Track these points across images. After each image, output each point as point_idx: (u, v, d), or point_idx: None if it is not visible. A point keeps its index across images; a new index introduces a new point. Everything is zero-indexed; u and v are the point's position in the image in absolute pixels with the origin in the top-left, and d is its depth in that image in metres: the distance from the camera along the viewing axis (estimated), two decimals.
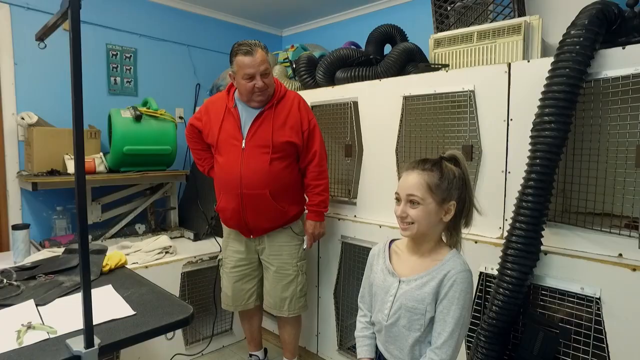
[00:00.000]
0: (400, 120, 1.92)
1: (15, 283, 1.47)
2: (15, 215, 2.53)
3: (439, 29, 2.27)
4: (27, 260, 1.91)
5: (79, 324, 0.98)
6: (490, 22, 2.07)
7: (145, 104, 2.72)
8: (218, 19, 3.43)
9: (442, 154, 1.12)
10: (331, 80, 2.33)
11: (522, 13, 2.10)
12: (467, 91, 1.69)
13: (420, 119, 1.86)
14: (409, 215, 1.07)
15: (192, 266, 2.46)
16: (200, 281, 2.53)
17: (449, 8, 2.24)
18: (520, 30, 1.83)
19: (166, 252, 2.44)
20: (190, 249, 2.57)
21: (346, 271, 2.25)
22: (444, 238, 1.15)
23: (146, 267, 2.24)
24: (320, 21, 3.55)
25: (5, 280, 1.49)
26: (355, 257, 2.18)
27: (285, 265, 2.03)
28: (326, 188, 2.02)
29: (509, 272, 1.47)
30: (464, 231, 1.17)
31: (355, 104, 2.14)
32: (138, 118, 2.50)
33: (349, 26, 3.34)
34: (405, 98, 1.90)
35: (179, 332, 2.41)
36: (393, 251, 1.21)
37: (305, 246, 2.06)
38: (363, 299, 1.26)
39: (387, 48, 2.36)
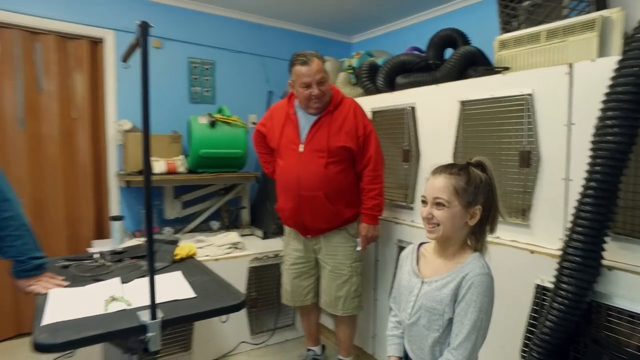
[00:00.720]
0: (458, 125, 1.90)
1: (107, 263, 1.75)
2: (115, 208, 2.95)
3: (505, 29, 2.19)
4: (120, 246, 2.22)
5: (149, 300, 1.16)
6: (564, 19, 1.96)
7: (219, 111, 2.99)
8: (290, 29, 3.64)
9: (469, 160, 1.13)
10: (391, 86, 2.36)
11: (602, 6, 1.93)
12: (524, 95, 1.63)
13: (477, 124, 1.83)
14: (434, 217, 1.10)
15: (258, 262, 2.65)
16: (266, 276, 2.70)
17: (516, 7, 2.16)
18: (595, 26, 1.71)
19: (235, 248, 2.65)
20: (258, 246, 2.77)
21: None
22: (469, 242, 1.16)
23: (216, 260, 2.47)
24: (389, 26, 3.58)
25: (100, 260, 1.78)
26: None
27: (340, 266, 2.10)
28: (380, 192, 2.06)
29: (564, 286, 1.39)
30: (490, 236, 1.17)
31: (414, 109, 2.15)
32: (212, 124, 2.77)
33: (418, 30, 3.33)
34: (462, 103, 1.87)
35: (245, 321, 2.60)
36: (421, 253, 1.24)
37: (359, 248, 2.11)
38: (394, 299, 1.29)
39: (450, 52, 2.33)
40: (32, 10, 2.60)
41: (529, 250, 1.60)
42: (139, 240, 2.42)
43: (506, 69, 1.87)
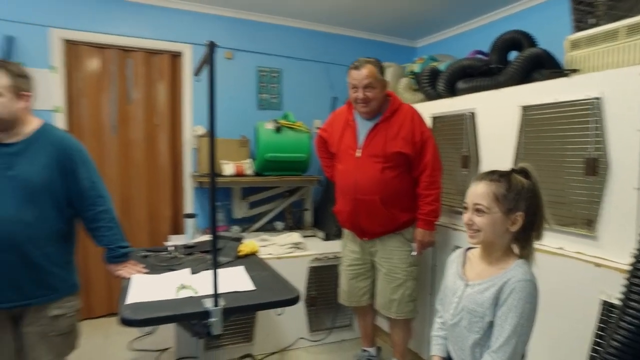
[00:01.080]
0: (519, 131, 1.84)
1: (180, 256, 1.96)
2: (189, 207, 3.23)
3: (578, 27, 2.06)
4: (192, 241, 2.45)
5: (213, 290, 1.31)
6: None
7: (285, 117, 3.15)
8: (354, 36, 3.71)
9: (513, 167, 1.13)
10: (452, 91, 2.34)
11: None
12: (591, 99, 1.54)
13: (540, 130, 1.76)
14: (475, 223, 1.12)
15: (318, 262, 2.74)
16: (325, 276, 2.78)
17: (593, 2, 2.02)
18: None
19: (297, 248, 2.77)
20: (319, 247, 2.87)
21: None
22: (515, 250, 1.15)
23: (279, 258, 2.60)
24: (455, 29, 3.51)
25: (174, 253, 1.99)
26: None
27: (395, 269, 2.13)
28: (437, 198, 2.05)
29: (634, 304, 1.29)
30: (536, 244, 1.15)
31: (473, 114, 2.11)
32: (278, 129, 2.93)
33: (485, 32, 3.22)
34: (524, 108, 1.81)
35: (304, 319, 2.71)
36: (467, 258, 1.27)
37: (414, 252, 2.12)
38: (441, 301, 1.32)
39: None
40: (126, 31, 2.96)
41: (594, 263, 1.51)
42: (208, 237, 2.63)
43: (574, 71, 1.77)
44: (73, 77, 2.90)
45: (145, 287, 1.52)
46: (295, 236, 2.82)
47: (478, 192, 1.12)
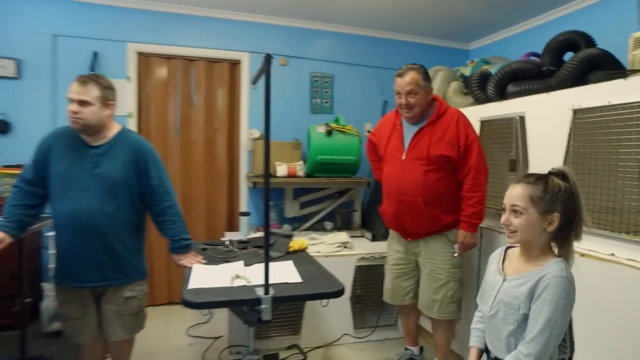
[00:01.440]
0: (569, 135, 1.81)
1: (235, 249, 2.13)
2: (243, 205, 3.43)
3: None
4: (246, 237, 2.62)
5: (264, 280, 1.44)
6: None
7: (336, 120, 3.26)
8: (406, 40, 3.75)
9: (551, 169, 1.16)
10: (502, 95, 2.32)
11: None
12: None
13: (591, 134, 1.71)
14: (512, 224, 1.18)
15: (365, 261, 2.81)
16: (371, 275, 2.84)
17: None
18: None
19: (344, 247, 2.86)
20: (366, 247, 2.94)
21: None
22: (555, 250, 1.19)
23: (326, 256, 2.71)
24: (509, 30, 3.44)
25: (230, 247, 2.17)
26: None
27: (437, 270, 2.16)
28: (480, 201, 2.05)
29: None
30: (577, 245, 1.19)
31: (522, 118, 2.09)
32: (329, 133, 3.05)
33: (542, 32, 3.12)
34: (575, 111, 1.77)
35: (349, 316, 2.79)
36: (507, 255, 1.33)
37: (456, 254, 2.13)
38: (481, 296, 1.37)
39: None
40: (190, 42, 3.23)
41: None
42: (261, 233, 2.80)
43: (635, 71, 1.70)
44: (143, 85, 3.21)
45: (204, 276, 1.68)
46: (343, 236, 2.91)
47: (515, 193, 1.17)
